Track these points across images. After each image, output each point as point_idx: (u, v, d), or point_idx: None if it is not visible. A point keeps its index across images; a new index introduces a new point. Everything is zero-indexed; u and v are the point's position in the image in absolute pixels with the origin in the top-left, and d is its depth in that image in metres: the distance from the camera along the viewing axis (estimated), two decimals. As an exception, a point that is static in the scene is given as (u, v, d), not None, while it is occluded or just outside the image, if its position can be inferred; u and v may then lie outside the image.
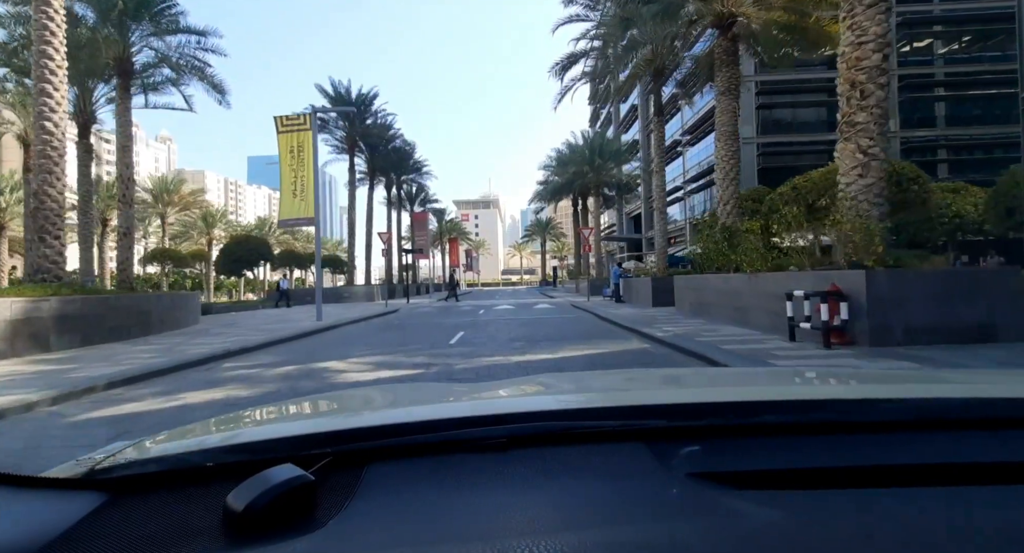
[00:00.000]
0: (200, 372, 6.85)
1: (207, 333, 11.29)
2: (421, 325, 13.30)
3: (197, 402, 5.09)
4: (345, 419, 0.97)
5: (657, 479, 0.62)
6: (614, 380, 1.41)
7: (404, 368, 6.82)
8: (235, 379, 6.33)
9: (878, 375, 1.33)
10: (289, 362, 7.51)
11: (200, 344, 9.24)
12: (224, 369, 7.10)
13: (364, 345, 9.42)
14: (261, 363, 7.50)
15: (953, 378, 1.21)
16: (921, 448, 0.69)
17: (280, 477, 0.56)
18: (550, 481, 0.62)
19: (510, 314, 16.21)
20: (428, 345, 9.11)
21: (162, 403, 5.12)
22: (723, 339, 8.01)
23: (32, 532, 0.55)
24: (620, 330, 10.77)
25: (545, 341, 9.17)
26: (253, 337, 10.27)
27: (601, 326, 11.94)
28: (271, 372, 6.71)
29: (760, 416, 0.77)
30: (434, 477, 0.64)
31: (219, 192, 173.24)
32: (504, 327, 12.02)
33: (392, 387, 1.79)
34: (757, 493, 0.58)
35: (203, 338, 10.28)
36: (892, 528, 0.51)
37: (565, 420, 0.78)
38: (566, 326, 12.06)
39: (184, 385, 5.95)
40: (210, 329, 12.25)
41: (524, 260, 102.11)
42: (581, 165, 27.60)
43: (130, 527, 0.57)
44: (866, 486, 0.60)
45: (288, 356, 8.16)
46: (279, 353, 8.60)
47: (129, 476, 0.67)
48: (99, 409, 4.89)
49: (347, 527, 0.54)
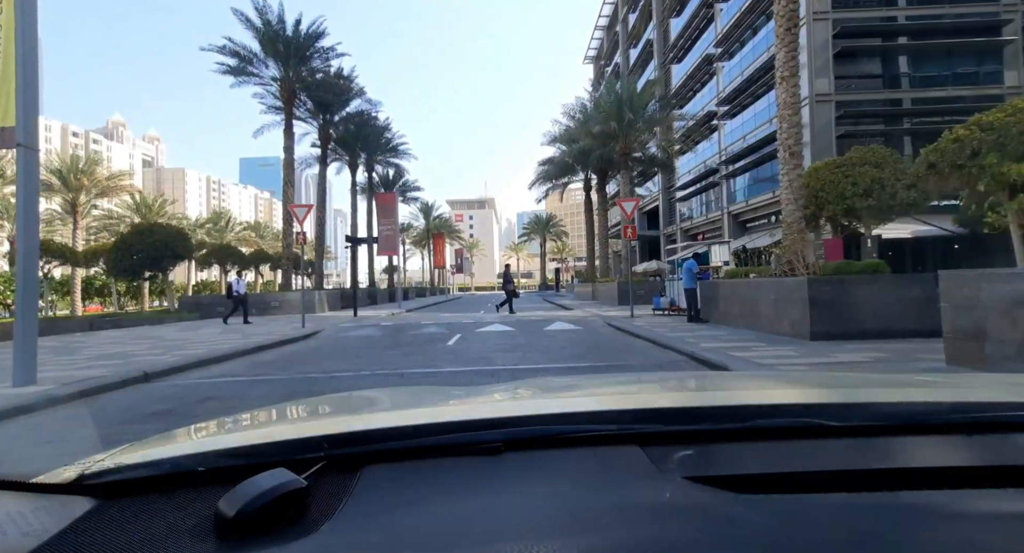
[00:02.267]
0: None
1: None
2: (292, 383, 5.40)
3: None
4: (339, 422, 0.96)
5: (652, 482, 0.62)
6: (609, 384, 1.44)
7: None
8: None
9: (870, 380, 1.39)
10: None
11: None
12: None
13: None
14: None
15: (943, 383, 1.24)
16: (912, 452, 0.70)
17: (272, 482, 0.55)
18: (546, 484, 0.62)
19: (507, 348, 8.36)
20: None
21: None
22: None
23: (22, 536, 0.55)
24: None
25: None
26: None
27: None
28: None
29: (754, 420, 0.76)
30: (429, 480, 0.63)
31: (200, 191, 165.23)
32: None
33: (387, 391, 1.57)
34: (751, 496, 0.58)
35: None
36: (883, 531, 0.52)
37: (560, 424, 0.77)
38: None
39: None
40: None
41: (521, 262, 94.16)
42: (607, 121, 19.72)
43: (120, 532, 0.56)
44: (858, 490, 0.60)
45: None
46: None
47: (120, 481, 0.65)
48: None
49: (341, 530, 0.54)
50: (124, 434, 3.87)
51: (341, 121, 26.98)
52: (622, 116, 19.81)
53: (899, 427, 0.76)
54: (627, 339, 9.28)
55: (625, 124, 19.93)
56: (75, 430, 4.28)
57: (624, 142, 20.73)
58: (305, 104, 23.74)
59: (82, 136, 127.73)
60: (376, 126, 29.48)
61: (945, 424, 0.76)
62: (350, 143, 29.62)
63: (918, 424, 0.76)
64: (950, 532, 0.52)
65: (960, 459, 0.68)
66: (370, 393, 1.38)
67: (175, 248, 24.68)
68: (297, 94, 21.76)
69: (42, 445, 3.79)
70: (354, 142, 29.69)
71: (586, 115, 21.40)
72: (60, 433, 4.19)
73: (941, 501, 0.58)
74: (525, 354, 7.70)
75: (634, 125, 20.41)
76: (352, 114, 26.46)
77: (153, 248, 24.11)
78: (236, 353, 8.28)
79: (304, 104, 23.73)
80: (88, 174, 33.73)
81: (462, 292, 68.38)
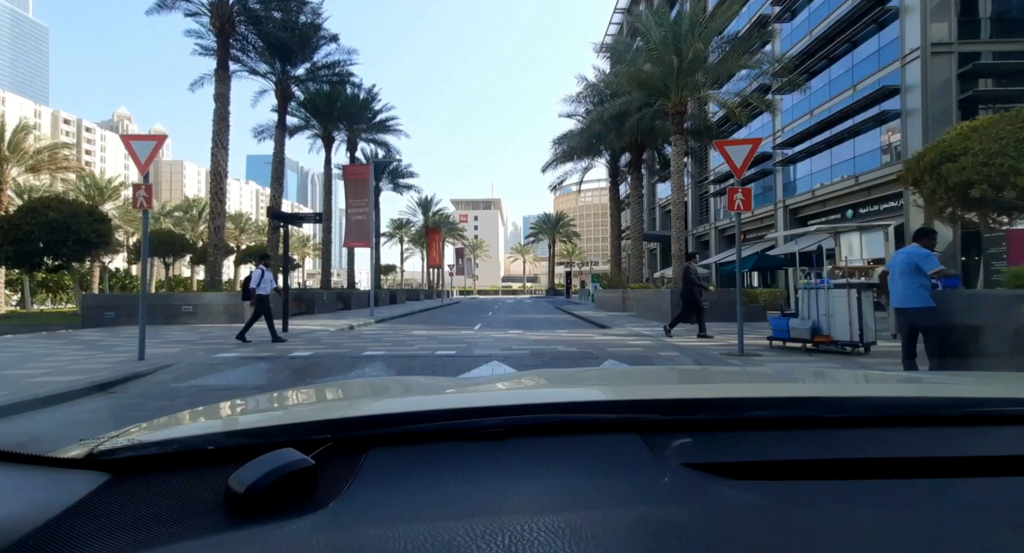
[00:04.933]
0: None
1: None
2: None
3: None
4: (346, 407, 0.97)
5: (651, 468, 0.63)
6: (611, 376, 1.47)
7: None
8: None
9: (861, 375, 1.39)
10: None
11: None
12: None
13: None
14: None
15: (931, 379, 1.32)
16: (896, 443, 0.72)
17: (282, 460, 0.57)
18: (547, 469, 0.63)
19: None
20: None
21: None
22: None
23: (37, 508, 0.56)
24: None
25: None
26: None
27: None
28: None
29: (749, 411, 0.78)
30: (432, 463, 0.64)
31: (199, 184, 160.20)
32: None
33: (394, 378, 1.65)
34: (744, 482, 0.60)
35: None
36: (868, 515, 0.54)
37: (562, 412, 0.78)
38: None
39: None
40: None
41: (528, 266, 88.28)
42: (665, 54, 13.60)
43: (132, 506, 0.58)
44: (846, 477, 0.62)
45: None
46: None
47: (132, 457, 0.67)
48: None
49: (347, 508, 0.56)
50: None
51: (309, 76, 21.29)
52: (681, 53, 13.76)
53: (889, 418, 0.78)
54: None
55: (685, 66, 13.91)
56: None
57: (679, 95, 14.79)
58: (251, 43, 18.06)
59: (74, 123, 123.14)
60: (355, 85, 23.65)
61: (930, 417, 0.79)
62: (322, 110, 23.90)
63: (908, 416, 0.78)
64: (936, 519, 0.54)
65: (944, 450, 0.70)
66: (378, 380, 1.43)
67: (81, 232, 18.96)
68: (235, 23, 16.05)
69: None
70: (328, 109, 23.96)
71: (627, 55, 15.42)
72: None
73: (927, 489, 0.60)
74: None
75: (694, 71, 14.40)
76: (320, 66, 20.76)
77: (49, 230, 18.39)
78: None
79: (249, 43, 18.04)
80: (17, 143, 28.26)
81: (462, 296, 62.41)
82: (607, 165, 25.24)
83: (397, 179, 35.33)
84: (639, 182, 21.37)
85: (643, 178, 22.13)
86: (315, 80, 21.83)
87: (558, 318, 18.02)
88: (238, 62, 18.93)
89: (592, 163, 26.85)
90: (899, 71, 18.59)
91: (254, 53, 18.73)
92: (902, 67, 18.45)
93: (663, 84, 14.83)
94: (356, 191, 18.42)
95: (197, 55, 17.69)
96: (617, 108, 16.68)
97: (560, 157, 24.82)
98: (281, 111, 20.29)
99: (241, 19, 16.60)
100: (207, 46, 17.25)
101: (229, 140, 15.98)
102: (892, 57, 19.09)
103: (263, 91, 21.25)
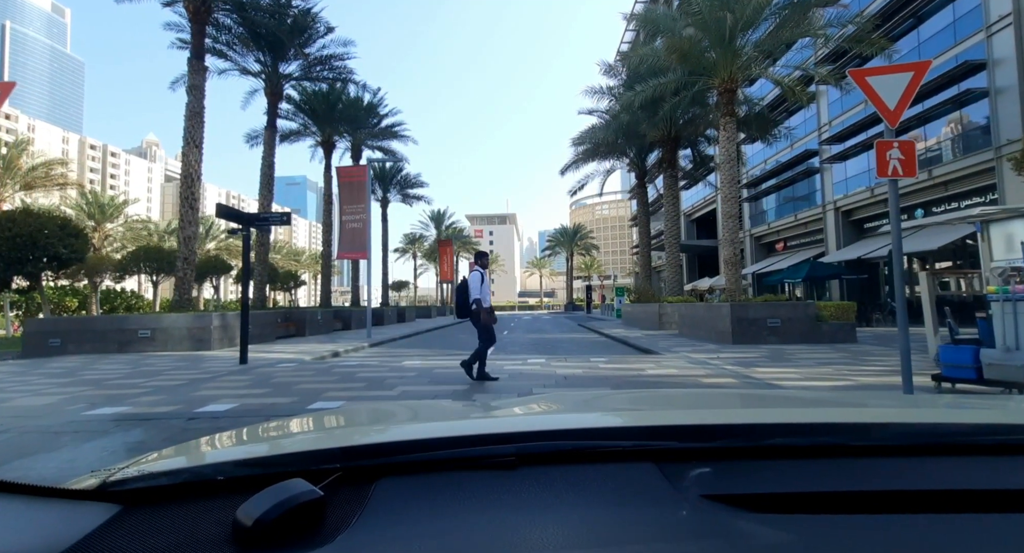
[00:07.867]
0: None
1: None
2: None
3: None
4: (355, 435, 0.96)
5: (668, 500, 0.61)
6: (624, 400, 1.39)
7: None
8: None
9: (887, 399, 1.36)
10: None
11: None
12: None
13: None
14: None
15: (961, 404, 1.18)
16: (930, 474, 0.68)
17: (290, 491, 0.56)
18: (559, 500, 0.61)
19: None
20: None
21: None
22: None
23: (47, 541, 0.55)
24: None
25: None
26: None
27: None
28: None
29: (771, 439, 0.75)
30: (442, 493, 0.63)
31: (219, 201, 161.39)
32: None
33: (403, 404, 1.55)
34: (768, 516, 0.58)
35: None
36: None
37: (575, 439, 0.76)
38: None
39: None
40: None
41: (544, 280, 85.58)
42: (712, 16, 10.96)
43: (141, 538, 0.57)
44: (876, 511, 0.59)
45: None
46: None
47: (142, 488, 0.66)
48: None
49: (356, 541, 0.55)
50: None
51: (304, 74, 19.36)
52: (734, 9, 11.09)
53: (918, 447, 0.73)
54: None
55: (740, 27, 11.33)
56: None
57: (730, 69, 12.25)
58: (234, 34, 16.15)
59: (100, 149, 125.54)
60: (358, 85, 21.70)
61: (966, 445, 0.74)
62: (321, 112, 21.96)
63: (940, 445, 0.74)
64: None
65: (981, 482, 0.65)
66: (387, 406, 1.37)
67: (51, 247, 17.02)
68: (211, 7, 14.10)
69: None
70: (327, 111, 22.01)
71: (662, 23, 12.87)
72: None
73: (958, 524, 0.56)
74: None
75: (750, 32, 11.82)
76: (315, 61, 18.79)
77: (12, 245, 16.47)
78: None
79: (232, 34, 16.14)
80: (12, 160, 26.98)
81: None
82: (634, 165, 22.69)
83: (406, 189, 33.23)
84: (674, 180, 18.77)
85: (677, 174, 19.46)
86: (311, 78, 19.92)
87: (586, 338, 15.35)
88: (223, 57, 17.10)
89: (615, 165, 24.39)
90: (984, 43, 15.83)
91: (240, 46, 16.84)
92: (987, 38, 15.68)
93: (709, 55, 12.31)
94: (352, 195, 16.22)
95: (176, 49, 15.89)
96: (650, 92, 14.16)
97: (581, 157, 22.38)
98: (271, 111, 18.31)
99: (220, 3, 14.71)
100: (186, 39, 15.40)
101: (203, 138, 13.93)
102: (973, 28, 16.35)
103: (253, 91, 19.30)
